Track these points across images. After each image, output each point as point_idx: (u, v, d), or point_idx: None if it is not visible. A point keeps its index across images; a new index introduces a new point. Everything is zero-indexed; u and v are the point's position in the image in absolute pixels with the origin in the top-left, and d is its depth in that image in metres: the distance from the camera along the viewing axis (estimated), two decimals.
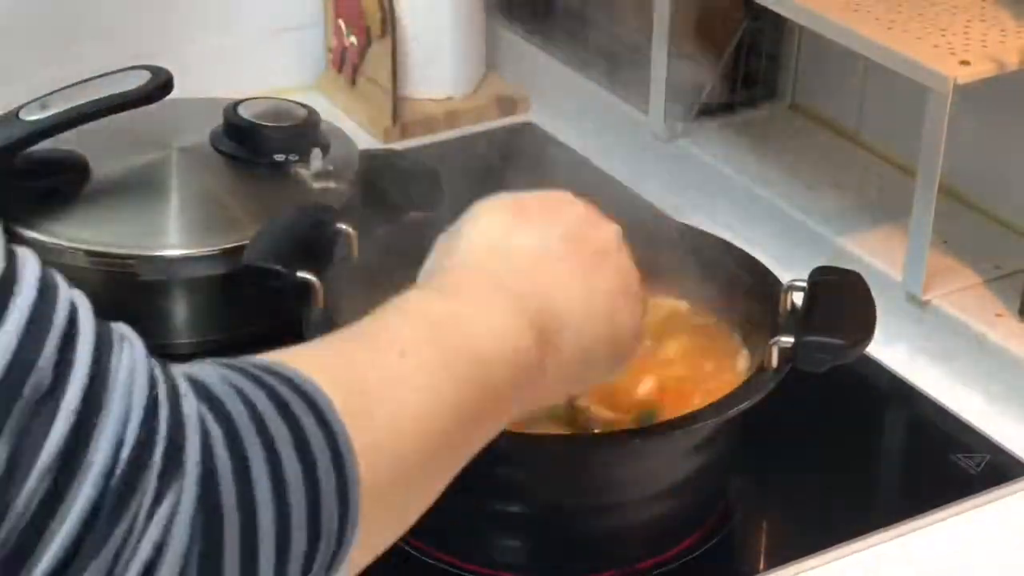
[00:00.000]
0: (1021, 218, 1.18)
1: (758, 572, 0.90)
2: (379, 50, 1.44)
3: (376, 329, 0.65)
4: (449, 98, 1.49)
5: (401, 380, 0.62)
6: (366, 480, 0.56)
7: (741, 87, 1.37)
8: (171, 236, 1.07)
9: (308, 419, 0.55)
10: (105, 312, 0.52)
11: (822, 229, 1.20)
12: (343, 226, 0.97)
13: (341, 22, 1.49)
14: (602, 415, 0.89)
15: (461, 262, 0.74)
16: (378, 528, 0.60)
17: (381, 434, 0.59)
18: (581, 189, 0.82)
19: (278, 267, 0.91)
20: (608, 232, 0.79)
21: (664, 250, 1.00)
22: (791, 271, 0.95)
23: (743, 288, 0.96)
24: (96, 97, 1.08)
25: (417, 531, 0.89)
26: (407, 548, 0.90)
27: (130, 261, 1.05)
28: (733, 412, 0.84)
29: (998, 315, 1.09)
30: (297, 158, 1.13)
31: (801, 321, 0.88)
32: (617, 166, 1.36)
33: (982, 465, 0.98)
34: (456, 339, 0.66)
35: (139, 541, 0.48)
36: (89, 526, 0.47)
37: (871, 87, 1.29)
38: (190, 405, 0.52)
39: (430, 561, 0.90)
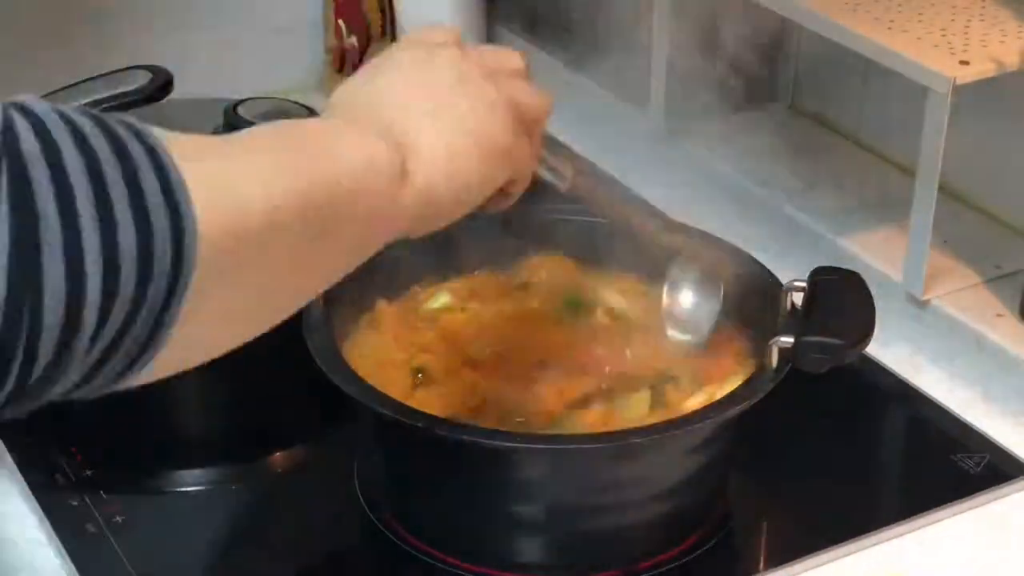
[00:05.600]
0: (1021, 218, 1.18)
1: (758, 572, 0.90)
2: (379, 50, 1.44)
3: (240, 135, 0.65)
4: None
5: (250, 162, 0.60)
6: (205, 236, 0.53)
7: (741, 87, 1.37)
8: None
9: (143, 160, 0.53)
10: None
11: (822, 229, 1.21)
12: None
13: (341, 22, 1.49)
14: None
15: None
16: (209, 316, 0.56)
17: (221, 198, 0.56)
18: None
19: None
20: (440, 34, 0.77)
21: (663, 250, 1.00)
22: (791, 271, 0.95)
23: (743, 288, 0.96)
24: (96, 97, 1.08)
25: (417, 531, 0.91)
26: (407, 548, 0.90)
27: None
28: (733, 412, 0.84)
29: (998, 315, 1.09)
30: None
31: (801, 321, 0.88)
32: (616, 165, 1.36)
33: (982, 465, 0.98)
34: (310, 146, 0.65)
35: None
36: None
37: (871, 87, 1.29)
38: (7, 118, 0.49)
39: (430, 561, 0.90)
